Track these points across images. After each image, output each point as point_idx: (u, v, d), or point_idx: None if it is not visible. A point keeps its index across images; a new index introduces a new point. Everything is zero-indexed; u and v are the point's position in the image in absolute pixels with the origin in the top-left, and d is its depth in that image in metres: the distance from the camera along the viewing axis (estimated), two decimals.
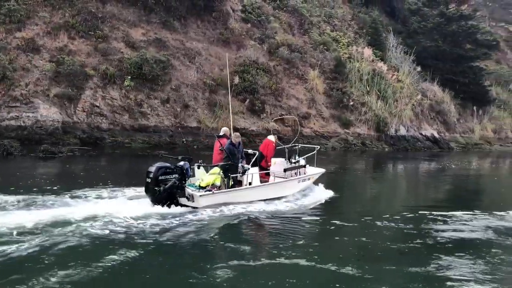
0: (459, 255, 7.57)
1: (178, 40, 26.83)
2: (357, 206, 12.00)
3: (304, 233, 8.47)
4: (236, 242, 7.58)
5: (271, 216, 9.50)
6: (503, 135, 45.73)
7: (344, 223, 9.45)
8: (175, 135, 23.44)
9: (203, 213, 9.12)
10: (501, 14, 70.46)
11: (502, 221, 10.35)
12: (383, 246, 8.04)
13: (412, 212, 10.90)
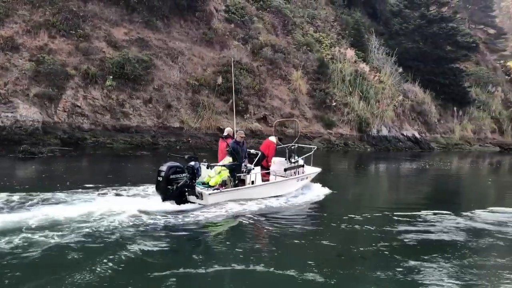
0: (433, 256, 7.66)
1: (160, 39, 26.67)
2: (347, 205, 12.28)
3: (296, 231, 8.75)
4: (241, 237, 8.04)
5: (273, 213, 10.00)
6: (483, 136, 46.58)
7: (330, 223, 9.67)
8: (157, 136, 23.31)
9: (211, 210, 9.59)
10: (480, 17, 71.82)
11: (482, 220, 10.54)
12: (363, 246, 8.11)
13: (399, 211, 11.03)
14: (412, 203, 13.00)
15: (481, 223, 10.22)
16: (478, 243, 8.60)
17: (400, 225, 9.65)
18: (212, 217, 9.17)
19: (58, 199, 9.60)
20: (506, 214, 11.30)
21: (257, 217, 9.53)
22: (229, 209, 9.72)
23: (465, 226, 9.84)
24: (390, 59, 39.63)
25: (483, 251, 8.14)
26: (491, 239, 8.95)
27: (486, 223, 10.27)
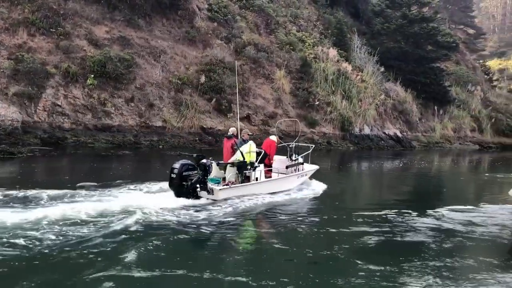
0: (408, 255, 7.75)
1: (142, 38, 26.45)
2: (339, 202, 12.64)
3: (296, 225, 9.24)
4: (249, 231, 8.76)
5: (275, 207, 10.68)
6: (463, 134, 47.36)
7: (325, 218, 10.04)
8: (139, 135, 23.13)
9: (222, 204, 10.20)
10: (460, 17, 73.03)
11: (458, 219, 10.72)
12: (350, 244, 8.19)
13: (383, 210, 11.17)
14: (392, 203, 13.13)
15: (457, 221, 10.36)
16: (456, 241, 8.73)
17: (385, 224, 9.76)
18: (222, 211, 9.74)
19: (40, 199, 9.48)
20: (478, 212, 11.49)
21: (262, 211, 10.25)
22: (238, 204, 10.38)
23: (442, 225, 9.97)
24: (372, 58, 40.00)
25: (459, 250, 8.26)
26: (468, 237, 9.10)
27: (462, 221, 10.43)
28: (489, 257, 7.62)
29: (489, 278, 6.54)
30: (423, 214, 10.71)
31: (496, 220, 10.64)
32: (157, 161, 19.57)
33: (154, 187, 11.51)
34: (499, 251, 8.11)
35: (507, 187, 11.79)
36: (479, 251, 8.03)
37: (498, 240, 8.90)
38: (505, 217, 11.02)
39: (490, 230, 9.55)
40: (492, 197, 14.99)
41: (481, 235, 9.10)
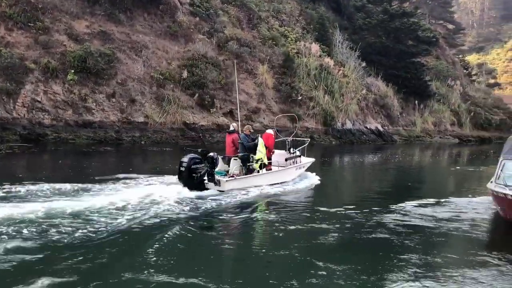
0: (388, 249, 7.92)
1: (123, 33, 26.15)
2: (329, 194, 13.18)
3: (293, 215, 9.79)
4: (252, 217, 9.45)
5: (276, 197, 11.55)
6: (443, 128, 48.12)
7: (320, 209, 10.26)
8: (121, 131, 22.92)
9: (228, 195, 10.94)
10: (440, 12, 73.96)
11: (442, 210, 10.92)
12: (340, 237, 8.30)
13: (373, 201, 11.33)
14: (376, 197, 13.29)
15: (434, 215, 10.54)
16: (431, 236, 8.89)
17: (376, 216, 9.89)
18: (229, 200, 10.50)
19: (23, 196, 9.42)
20: (456, 205, 11.71)
21: (263, 201, 11.01)
22: (242, 194, 11.15)
23: (420, 219, 10.12)
24: (354, 53, 40.28)
25: (433, 245, 8.39)
26: (445, 231, 9.28)
27: (440, 214, 10.63)
28: (465, 251, 7.74)
29: (464, 274, 6.63)
30: (404, 208, 10.88)
31: (474, 213, 10.87)
32: (140, 157, 19.46)
33: (143, 182, 11.78)
34: (474, 244, 8.27)
35: (486, 180, 12.03)
36: (454, 245, 8.19)
37: (474, 233, 9.09)
38: (482, 210, 11.27)
39: (468, 223, 9.75)
40: (471, 190, 15.29)
41: (458, 228, 9.27)
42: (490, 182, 10.91)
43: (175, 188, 10.85)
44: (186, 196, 10.40)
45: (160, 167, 15.42)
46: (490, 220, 10.43)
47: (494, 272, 6.68)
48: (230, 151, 12.51)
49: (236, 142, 12.43)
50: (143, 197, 9.77)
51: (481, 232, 9.29)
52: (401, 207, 10.89)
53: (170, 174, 12.61)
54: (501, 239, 9.46)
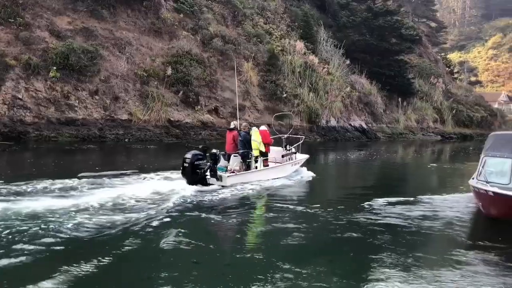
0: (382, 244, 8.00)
1: (107, 29, 25.87)
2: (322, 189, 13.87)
3: (289, 207, 10.49)
4: (250, 211, 10.16)
5: (273, 191, 12.27)
6: (425, 125, 48.67)
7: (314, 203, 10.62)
8: (104, 128, 22.68)
9: (229, 189, 11.54)
10: (423, 10, 74.75)
11: (425, 207, 11.07)
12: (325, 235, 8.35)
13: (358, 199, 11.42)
14: (356, 194, 13.42)
15: (417, 212, 10.68)
16: (413, 232, 9.00)
17: (361, 213, 9.97)
18: (230, 194, 11.14)
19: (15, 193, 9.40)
20: (439, 202, 11.88)
21: (261, 195, 11.75)
22: (242, 189, 11.75)
23: (403, 215, 10.23)
24: (338, 51, 40.46)
25: (414, 241, 8.52)
26: (428, 227, 9.40)
27: (423, 211, 10.77)
28: (446, 248, 7.81)
29: (444, 272, 6.69)
30: (387, 205, 10.98)
31: (455, 209, 11.02)
32: (123, 155, 19.29)
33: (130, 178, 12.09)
34: (455, 241, 8.39)
35: (468, 177, 12.22)
36: (436, 242, 8.26)
37: (456, 230, 9.22)
38: (464, 206, 11.44)
39: (450, 220, 9.88)
40: (453, 186, 15.51)
41: (439, 225, 9.37)
42: (471, 179, 11.09)
43: (179, 184, 11.29)
44: (190, 190, 10.87)
45: (147, 164, 15.30)
46: (471, 217, 10.60)
47: (475, 269, 6.78)
48: (230, 148, 13.02)
49: (236, 139, 12.92)
50: (150, 193, 10.27)
51: (462, 228, 9.43)
52: (384, 205, 10.99)
53: (165, 170, 13.11)
54: (482, 235, 9.60)
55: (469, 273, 6.56)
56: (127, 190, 10.33)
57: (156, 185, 11.11)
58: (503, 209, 9.25)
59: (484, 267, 6.87)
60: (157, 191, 10.54)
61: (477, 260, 7.20)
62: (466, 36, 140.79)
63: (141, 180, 11.87)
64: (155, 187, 10.83)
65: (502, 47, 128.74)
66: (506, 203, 9.00)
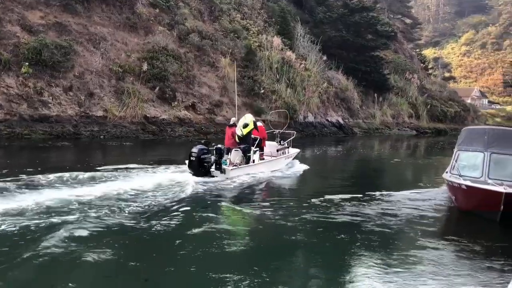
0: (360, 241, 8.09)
1: (81, 24, 25.35)
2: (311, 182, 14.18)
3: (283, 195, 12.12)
4: (252, 197, 11.56)
5: (270, 182, 13.53)
6: (401, 120, 49.42)
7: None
8: (79, 125, 22.27)
9: (232, 181, 12.58)
10: (398, 7, 75.67)
11: (400, 200, 11.24)
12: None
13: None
14: (332, 189, 13.53)
15: (392, 206, 10.85)
16: (388, 226, 9.14)
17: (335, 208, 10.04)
18: (233, 185, 12.21)
19: None
20: (414, 196, 12.09)
21: (260, 186, 12.89)
22: (243, 180, 12.83)
23: (377, 210, 10.37)
24: (315, 47, 40.64)
25: (390, 234, 8.66)
26: (403, 221, 9.55)
27: (398, 205, 10.94)
28: (419, 241, 7.97)
29: (417, 264, 6.83)
30: (362, 200, 11.12)
31: (430, 203, 11.24)
32: (99, 152, 18.99)
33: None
34: (428, 234, 8.54)
35: (442, 171, 12.45)
36: (409, 235, 8.38)
37: (429, 223, 9.40)
38: (438, 200, 11.67)
39: (424, 213, 10.09)
40: (427, 180, 15.81)
41: (414, 218, 9.57)
42: (445, 173, 11.31)
43: (185, 176, 12.25)
44: (199, 182, 11.78)
45: (126, 160, 15.09)
46: (445, 210, 10.82)
47: (446, 263, 6.92)
48: (229, 143, 13.89)
49: (235, 134, 13.80)
50: (159, 185, 11.12)
51: (436, 221, 9.63)
52: (361, 199, 11.13)
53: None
54: (455, 228, 9.82)
55: (441, 267, 6.68)
56: (137, 183, 11.10)
57: (163, 178, 12.02)
58: (475, 202, 9.47)
59: (455, 261, 7.02)
60: (162, 183, 11.33)
61: (449, 253, 7.36)
62: (440, 33, 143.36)
63: (150, 173, 12.75)
64: (162, 180, 11.68)
65: (475, 43, 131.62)
66: (478, 196, 9.21)
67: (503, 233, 8.99)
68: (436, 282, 6.03)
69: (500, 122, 73.89)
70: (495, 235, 8.87)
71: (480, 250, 7.55)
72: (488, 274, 6.47)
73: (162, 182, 11.45)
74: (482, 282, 6.17)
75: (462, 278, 6.26)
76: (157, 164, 14.26)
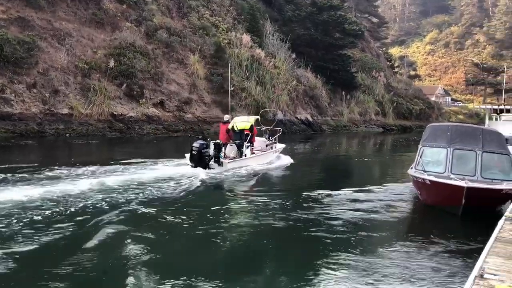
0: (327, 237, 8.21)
1: (45, 19, 24.66)
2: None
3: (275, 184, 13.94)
4: (246, 186, 13.18)
5: (261, 173, 14.98)
6: (368, 117, 50.30)
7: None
8: (44, 123, 21.68)
9: (229, 172, 14.10)
10: (365, 6, 76.82)
11: (367, 196, 11.45)
12: None
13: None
14: (299, 186, 13.69)
15: (358, 202, 11.05)
16: (356, 222, 9.32)
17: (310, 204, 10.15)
18: (230, 176, 13.84)
19: None
20: (379, 191, 12.35)
21: (253, 176, 14.36)
22: (238, 172, 14.34)
23: (343, 206, 10.52)
24: (284, 45, 40.84)
25: (357, 230, 8.81)
26: (369, 216, 9.74)
27: (365, 201, 11.16)
28: (385, 236, 8.23)
29: (383, 258, 7.01)
30: (329, 197, 11.28)
31: (395, 198, 11.52)
32: (65, 150, 18.55)
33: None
34: (394, 228, 8.80)
35: (407, 166, 12.76)
36: (376, 230, 8.59)
37: (395, 217, 9.64)
38: (403, 195, 11.96)
39: (390, 208, 10.34)
40: (393, 176, 16.18)
41: (380, 213, 9.81)
42: (410, 168, 11.59)
43: (186, 168, 13.59)
44: (200, 173, 13.04)
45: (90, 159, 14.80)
46: (410, 204, 11.10)
47: (410, 256, 7.11)
48: (224, 138, 15.32)
49: (229, 130, 15.34)
50: (165, 177, 12.30)
51: (401, 216, 9.88)
52: (328, 196, 11.28)
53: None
54: (419, 222, 10.11)
55: (405, 262, 6.84)
56: (145, 175, 12.29)
57: (167, 171, 13.29)
58: (439, 196, 9.75)
59: (418, 255, 7.20)
60: (168, 175, 12.58)
61: (412, 248, 7.54)
62: (405, 32, 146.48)
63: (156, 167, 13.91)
64: (165, 172, 12.98)
65: (439, 42, 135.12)
66: (442, 190, 9.49)
67: (464, 226, 9.29)
68: (399, 278, 6.18)
69: (463, 119, 76.21)
70: (456, 229, 9.14)
71: (442, 244, 7.78)
72: (448, 268, 6.68)
73: (162, 175, 12.59)
74: (443, 275, 6.37)
75: (424, 272, 6.44)
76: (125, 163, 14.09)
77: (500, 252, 5.63)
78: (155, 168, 13.62)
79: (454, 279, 6.20)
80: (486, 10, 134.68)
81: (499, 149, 10.61)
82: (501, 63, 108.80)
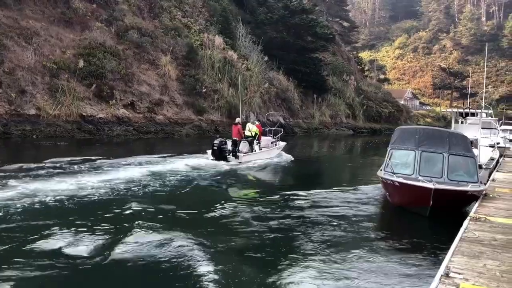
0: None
1: (11, 17, 23.99)
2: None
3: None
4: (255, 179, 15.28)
5: (269, 165, 18.11)
6: (339, 120, 50.96)
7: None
8: (9, 124, 21.06)
9: (244, 164, 16.92)
10: (336, 10, 77.94)
11: (338, 198, 11.58)
12: None
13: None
14: (272, 188, 13.73)
15: (329, 204, 11.17)
16: (326, 223, 9.42)
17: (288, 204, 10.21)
18: (245, 167, 16.66)
19: None
20: (351, 194, 12.52)
21: (262, 167, 17.32)
22: (251, 164, 17.25)
23: (314, 208, 10.62)
24: (257, 47, 40.98)
25: (327, 232, 8.90)
26: (340, 219, 9.87)
27: (336, 203, 11.29)
28: (355, 237, 8.28)
29: (352, 259, 7.10)
30: (299, 198, 11.34)
31: (365, 199, 11.69)
32: (31, 152, 18.06)
33: None
34: (364, 229, 8.90)
35: (377, 168, 12.98)
36: (346, 231, 8.63)
37: (365, 218, 9.78)
38: (373, 196, 12.16)
39: (359, 209, 10.48)
40: (363, 178, 16.42)
41: (350, 215, 9.91)
42: (380, 170, 11.80)
43: (207, 161, 16.52)
44: (220, 165, 16.05)
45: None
46: (379, 206, 11.30)
47: (378, 256, 7.22)
48: (237, 137, 18.00)
49: (241, 130, 18.25)
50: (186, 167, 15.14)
51: (370, 217, 10.03)
52: (298, 197, 11.36)
53: None
54: (388, 224, 10.29)
55: (372, 263, 6.92)
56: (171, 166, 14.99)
57: (193, 162, 16.09)
58: (407, 197, 9.96)
59: (385, 256, 7.30)
60: (194, 165, 15.51)
61: (381, 249, 7.65)
62: (375, 36, 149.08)
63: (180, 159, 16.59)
64: (193, 163, 15.82)
65: (407, 47, 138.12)
66: (410, 192, 9.69)
67: (431, 227, 9.50)
68: (367, 277, 6.27)
69: (430, 122, 78.21)
70: (424, 229, 9.35)
71: (409, 244, 7.94)
72: (415, 267, 6.82)
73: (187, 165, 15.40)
74: (410, 275, 6.50)
75: (391, 271, 6.56)
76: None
77: (465, 252, 5.81)
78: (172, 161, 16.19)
79: (421, 278, 6.34)
80: (452, 16, 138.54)
81: (464, 151, 10.91)
82: (467, 68, 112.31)
